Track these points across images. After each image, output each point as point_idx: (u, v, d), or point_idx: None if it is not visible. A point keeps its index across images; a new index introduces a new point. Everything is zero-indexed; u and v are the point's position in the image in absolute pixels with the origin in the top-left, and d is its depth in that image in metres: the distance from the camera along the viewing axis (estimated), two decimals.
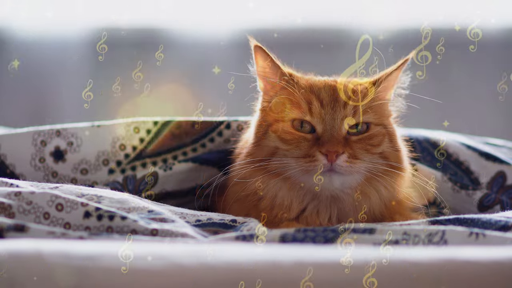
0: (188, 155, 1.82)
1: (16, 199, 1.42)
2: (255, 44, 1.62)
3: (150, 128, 1.83)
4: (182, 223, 1.47)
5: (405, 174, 1.63)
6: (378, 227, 1.43)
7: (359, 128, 1.59)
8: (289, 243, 1.38)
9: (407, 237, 1.40)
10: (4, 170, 1.79)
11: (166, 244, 1.32)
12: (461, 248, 1.32)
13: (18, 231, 1.32)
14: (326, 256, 1.24)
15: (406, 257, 1.24)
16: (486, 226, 1.47)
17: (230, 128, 1.84)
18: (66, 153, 1.80)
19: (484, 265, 1.22)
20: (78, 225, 1.41)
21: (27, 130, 1.82)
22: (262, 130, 1.62)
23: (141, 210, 1.48)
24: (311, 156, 1.55)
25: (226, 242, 1.38)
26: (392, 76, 1.63)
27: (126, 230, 1.40)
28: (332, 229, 1.42)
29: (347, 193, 1.59)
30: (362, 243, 1.38)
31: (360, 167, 1.56)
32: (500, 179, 1.88)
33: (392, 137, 1.62)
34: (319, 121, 1.58)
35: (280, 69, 1.62)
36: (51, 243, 1.25)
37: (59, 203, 1.42)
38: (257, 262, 1.21)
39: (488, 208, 1.84)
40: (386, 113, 1.65)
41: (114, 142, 1.82)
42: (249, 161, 1.60)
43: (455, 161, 1.90)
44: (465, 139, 1.96)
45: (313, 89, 1.61)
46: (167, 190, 1.80)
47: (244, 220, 1.52)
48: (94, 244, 1.27)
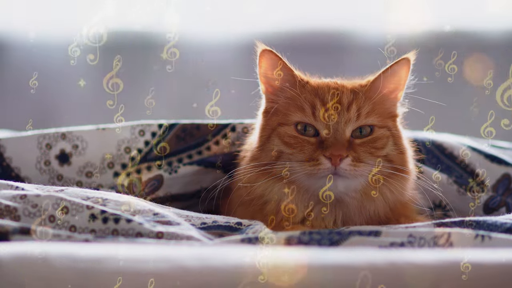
0: (193, 158, 1.83)
1: (22, 202, 1.42)
2: (264, 48, 1.61)
3: (155, 131, 1.84)
4: (188, 226, 1.47)
5: (410, 176, 1.63)
6: (384, 230, 1.42)
7: (363, 131, 1.59)
8: (295, 246, 1.37)
9: (413, 239, 1.39)
10: (9, 173, 1.79)
11: (171, 247, 1.32)
12: (467, 250, 1.31)
13: (24, 234, 1.32)
14: (332, 258, 1.23)
15: (411, 259, 1.24)
16: (492, 228, 1.46)
17: (235, 131, 1.84)
18: (71, 156, 1.81)
19: (490, 267, 1.22)
20: (84, 228, 1.41)
21: (32, 133, 1.82)
22: (266, 134, 1.62)
23: (147, 213, 1.48)
24: (315, 160, 1.55)
25: (232, 244, 1.38)
26: (397, 76, 1.62)
27: (132, 233, 1.40)
28: (337, 231, 1.42)
29: (352, 196, 1.59)
30: (367, 246, 1.38)
31: (364, 170, 1.56)
32: (505, 182, 1.88)
33: (396, 139, 1.62)
34: (323, 124, 1.58)
35: (291, 72, 1.62)
36: (57, 246, 1.25)
37: (64, 206, 1.42)
38: (262, 264, 1.21)
39: (494, 210, 1.83)
40: (391, 114, 1.64)
41: (119, 145, 1.82)
42: (253, 165, 1.60)
43: (461, 163, 1.89)
44: (470, 141, 1.96)
45: (318, 92, 1.60)
46: (172, 193, 1.80)
47: (250, 223, 1.52)
48: (100, 247, 1.27)
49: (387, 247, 1.38)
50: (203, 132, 1.84)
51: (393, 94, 1.64)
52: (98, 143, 1.81)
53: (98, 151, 1.81)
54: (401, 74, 1.62)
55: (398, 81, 1.63)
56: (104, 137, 1.82)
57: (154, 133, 1.83)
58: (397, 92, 1.64)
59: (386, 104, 1.63)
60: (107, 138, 1.82)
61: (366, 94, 1.60)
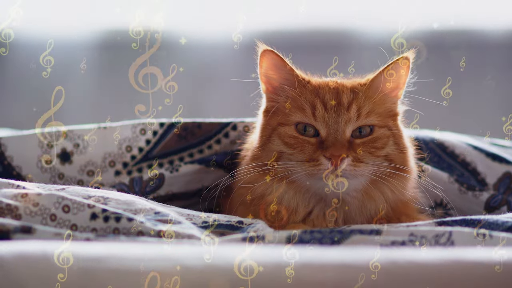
0: (194, 156, 1.83)
1: (23, 201, 1.42)
2: (265, 48, 1.61)
3: (156, 129, 1.84)
4: (189, 224, 1.47)
5: (410, 175, 1.63)
6: (385, 228, 1.42)
7: (363, 131, 1.59)
8: (296, 245, 1.37)
9: (414, 238, 1.39)
10: (10, 171, 1.79)
11: (172, 246, 1.32)
12: (468, 249, 1.31)
13: (25, 233, 1.32)
14: (333, 256, 1.23)
15: (413, 258, 1.24)
16: (493, 227, 1.46)
17: (236, 130, 1.84)
18: (72, 155, 1.81)
19: (492, 266, 1.22)
20: (85, 227, 1.41)
21: (33, 132, 1.82)
22: (267, 134, 1.62)
23: (148, 211, 1.48)
24: (315, 160, 1.55)
25: (233, 243, 1.38)
26: (397, 75, 1.61)
27: (133, 232, 1.40)
28: (338, 230, 1.42)
29: (353, 195, 1.59)
30: (368, 244, 1.38)
31: (365, 170, 1.56)
32: (507, 180, 1.87)
33: (397, 138, 1.62)
34: (323, 125, 1.58)
35: (292, 72, 1.62)
36: (58, 245, 1.25)
37: (65, 205, 1.42)
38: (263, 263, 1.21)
39: (495, 209, 1.83)
40: (392, 113, 1.64)
41: (121, 144, 1.82)
42: (254, 165, 1.60)
43: (462, 162, 1.89)
44: (471, 140, 1.96)
45: (318, 92, 1.60)
46: (173, 191, 1.80)
47: (251, 221, 1.52)
48: (101, 246, 1.27)
49: (388, 246, 1.38)
50: (204, 131, 1.84)
51: (393, 92, 1.63)
52: (99, 142, 1.82)
53: (99, 150, 1.81)
54: (401, 73, 1.62)
55: (398, 79, 1.62)
56: (105, 136, 1.82)
57: (155, 132, 1.83)
58: (397, 91, 1.64)
59: (386, 103, 1.63)
60: (108, 137, 1.82)
61: (366, 94, 1.60)
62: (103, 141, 1.82)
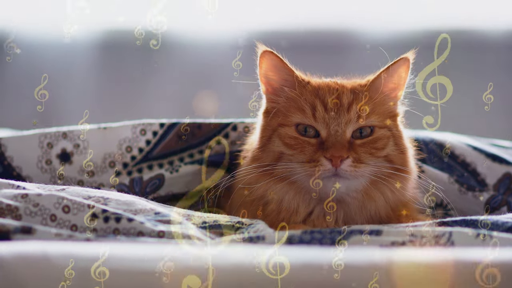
0: (194, 157, 1.83)
1: (23, 201, 1.43)
2: (264, 49, 1.61)
3: (156, 130, 1.84)
4: (189, 225, 1.47)
5: (410, 176, 1.63)
6: (385, 229, 1.42)
7: (363, 132, 1.59)
8: (296, 245, 1.37)
9: (414, 238, 1.39)
10: (11, 172, 1.79)
11: (172, 246, 1.32)
12: (468, 249, 1.31)
13: (25, 233, 1.32)
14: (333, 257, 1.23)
15: (413, 258, 1.24)
16: (493, 227, 1.46)
17: (236, 130, 1.84)
18: (72, 155, 1.81)
19: (492, 266, 1.22)
20: (85, 227, 1.41)
21: (34, 132, 1.82)
22: (267, 135, 1.62)
23: (148, 212, 1.48)
24: (315, 161, 1.55)
25: (233, 244, 1.38)
26: (397, 75, 1.61)
27: (133, 232, 1.40)
28: (338, 230, 1.42)
29: (353, 196, 1.59)
30: (368, 245, 1.38)
31: (365, 170, 1.56)
32: (507, 181, 1.88)
33: (397, 139, 1.62)
34: (323, 125, 1.58)
35: (292, 73, 1.61)
36: (58, 245, 1.25)
37: (65, 205, 1.43)
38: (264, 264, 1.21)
39: (495, 209, 1.83)
40: (392, 114, 1.64)
41: (121, 144, 1.82)
42: (255, 166, 1.60)
43: (462, 163, 1.89)
44: (471, 141, 1.96)
45: (318, 93, 1.60)
46: (173, 192, 1.80)
47: (251, 222, 1.52)
48: (101, 246, 1.27)
49: (388, 246, 1.38)
50: (204, 131, 1.84)
51: (393, 93, 1.63)
52: (99, 143, 1.81)
53: (99, 150, 1.81)
54: (401, 73, 1.62)
55: (398, 80, 1.63)
56: (106, 136, 1.82)
57: (155, 132, 1.83)
58: (397, 92, 1.64)
59: (386, 103, 1.63)
60: (108, 138, 1.82)
61: (366, 94, 1.60)
62: (103, 142, 1.82)
